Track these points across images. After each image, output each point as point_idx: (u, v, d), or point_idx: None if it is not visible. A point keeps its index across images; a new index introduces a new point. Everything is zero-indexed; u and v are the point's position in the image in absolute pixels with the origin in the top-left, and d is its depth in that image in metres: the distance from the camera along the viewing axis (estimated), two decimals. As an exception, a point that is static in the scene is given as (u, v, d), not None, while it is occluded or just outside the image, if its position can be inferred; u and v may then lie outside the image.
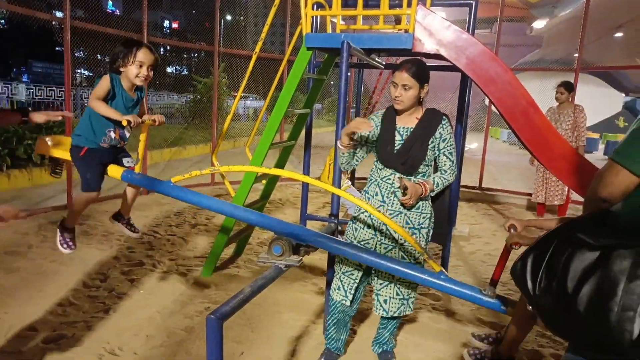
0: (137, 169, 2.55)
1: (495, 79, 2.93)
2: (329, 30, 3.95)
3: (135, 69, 2.37)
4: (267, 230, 2.24)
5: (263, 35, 3.59)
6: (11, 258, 3.91)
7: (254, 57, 3.56)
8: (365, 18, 3.91)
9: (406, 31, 3.13)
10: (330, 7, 3.58)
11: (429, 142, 2.28)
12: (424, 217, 2.33)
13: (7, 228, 4.65)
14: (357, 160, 2.44)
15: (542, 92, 8.33)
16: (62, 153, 2.51)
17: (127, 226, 2.81)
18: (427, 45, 3.04)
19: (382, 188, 2.34)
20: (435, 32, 3.00)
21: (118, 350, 2.67)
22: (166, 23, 47.93)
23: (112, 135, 2.45)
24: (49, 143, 2.53)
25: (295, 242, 2.16)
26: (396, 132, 2.34)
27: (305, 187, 4.42)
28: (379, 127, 2.39)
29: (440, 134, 2.29)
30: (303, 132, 4.24)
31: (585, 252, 1.24)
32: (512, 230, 1.91)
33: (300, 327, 3.04)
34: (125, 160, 2.57)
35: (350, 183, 5.09)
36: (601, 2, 8.52)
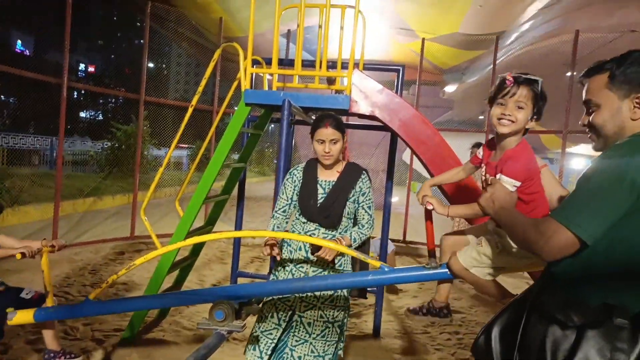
0: (49, 302, 2.32)
1: (425, 140, 3.12)
2: (265, 87, 4.02)
3: None
4: (209, 302, 2.10)
5: (200, 88, 3.56)
6: None
7: (190, 109, 3.49)
8: (300, 77, 4.03)
9: (341, 92, 3.27)
10: (267, 64, 3.67)
11: (350, 195, 2.35)
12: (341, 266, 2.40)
13: None
14: (287, 220, 2.47)
15: (456, 150, 8.99)
16: None
17: (64, 358, 2.53)
18: (363, 107, 3.19)
19: (306, 244, 2.34)
20: (370, 94, 3.17)
21: None
22: (82, 66, 46.10)
23: None
24: None
25: (237, 304, 2.06)
26: (318, 185, 2.39)
27: (237, 243, 4.30)
28: (299, 182, 2.42)
29: (360, 187, 2.38)
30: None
31: (560, 331, 1.26)
32: (425, 200, 1.89)
33: (235, 396, 2.84)
34: (24, 294, 2.36)
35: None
36: (502, 71, 9.55)
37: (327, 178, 2.39)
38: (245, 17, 7.06)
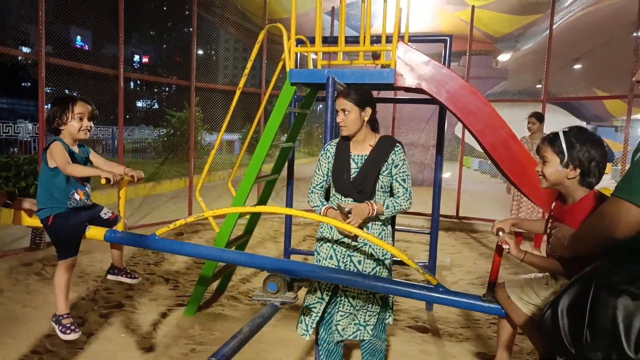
0: (120, 227, 2.45)
1: (474, 111, 3.02)
2: (310, 66, 4.04)
3: (77, 123, 2.38)
4: (260, 269, 2.20)
5: (246, 71, 3.63)
6: (-20, 304, 3.71)
7: (238, 92, 3.58)
8: (344, 54, 4.01)
9: (387, 66, 3.23)
10: (311, 43, 3.68)
11: (383, 169, 2.33)
12: (382, 250, 2.36)
13: (-25, 272, 4.42)
14: (324, 193, 2.50)
15: (511, 122, 8.64)
16: (37, 222, 2.42)
17: (125, 276, 2.71)
18: (408, 80, 3.14)
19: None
20: (415, 67, 3.10)
21: (100, 400, 2.54)
22: (136, 58, 47.90)
23: (77, 197, 2.39)
24: (25, 215, 2.44)
25: (289, 278, 2.13)
26: (351, 160, 2.39)
27: (289, 221, 4.40)
28: (333, 157, 2.43)
29: (393, 160, 2.33)
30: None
31: (631, 303, 1.22)
32: (500, 233, 1.93)
33: (291, 366, 2.96)
34: (102, 214, 2.51)
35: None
36: (559, 37, 9.01)
37: (360, 152, 2.39)
38: (288, -3, 7.07)
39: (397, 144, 2.39)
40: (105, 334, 3.31)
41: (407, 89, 3.34)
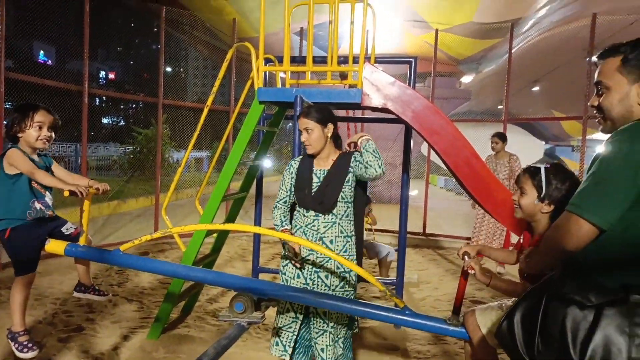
0: (82, 241, 2.38)
1: (438, 130, 3.12)
2: (279, 84, 4.07)
3: (35, 132, 2.32)
4: (226, 288, 2.17)
5: (214, 89, 3.63)
6: None
7: (206, 110, 3.57)
8: (312, 73, 4.07)
9: (354, 86, 3.29)
10: (279, 62, 3.72)
11: (346, 180, 2.37)
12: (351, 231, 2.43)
13: None
14: (288, 208, 2.52)
15: (475, 141, 8.92)
16: None
17: (93, 293, 2.62)
18: (375, 100, 3.21)
19: (309, 235, 2.39)
20: (382, 87, 3.18)
21: None
22: (102, 74, 47.01)
23: (37, 206, 2.31)
24: None
25: (256, 297, 2.12)
26: (313, 174, 2.43)
27: (257, 239, 4.36)
28: (295, 173, 2.48)
29: (356, 160, 2.37)
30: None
31: (578, 312, 1.28)
32: (466, 257, 1.98)
33: (259, 387, 2.91)
34: (64, 229, 2.42)
35: (373, 237, 5.18)
36: (519, 59, 9.42)
37: (322, 167, 2.43)
38: (258, 17, 7.15)
39: (355, 152, 2.44)
40: (64, 359, 3.16)
41: (374, 109, 3.42)
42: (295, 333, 2.39)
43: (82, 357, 3.22)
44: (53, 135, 2.37)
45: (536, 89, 14.05)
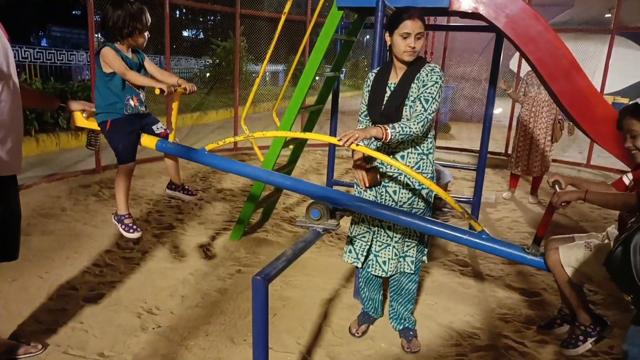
0: (171, 138, 2.51)
1: (535, 37, 2.80)
2: (359, -11, 3.82)
3: (143, 37, 2.36)
4: (304, 194, 2.22)
5: (291, -6, 3.48)
6: (46, 220, 4.01)
7: (283, 18, 3.46)
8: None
9: (442, -11, 3.00)
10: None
11: (409, 93, 2.17)
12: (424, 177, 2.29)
13: (40, 192, 4.76)
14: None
15: (576, 54, 8.04)
16: (94, 124, 2.48)
17: (183, 192, 2.81)
18: (465, 3, 2.92)
19: (380, 149, 2.28)
20: (473, -11, 2.87)
21: (155, 310, 2.75)
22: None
23: (132, 102, 2.41)
24: (84, 116, 2.50)
25: (331, 206, 2.15)
26: (387, 87, 2.26)
27: (332, 152, 4.39)
28: (370, 87, 2.32)
29: (423, 81, 2.15)
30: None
31: None
32: (556, 187, 1.85)
33: (331, 290, 3.08)
34: (155, 127, 2.53)
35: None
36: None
37: (395, 80, 2.25)
38: None
39: (429, 64, 2.20)
40: (158, 252, 3.53)
41: (463, 14, 3.12)
42: (368, 243, 2.43)
43: (173, 251, 3.57)
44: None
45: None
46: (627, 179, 1.89)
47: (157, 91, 2.24)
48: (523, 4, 2.80)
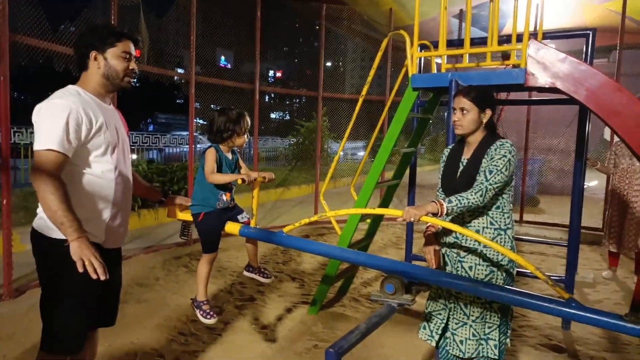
0: (252, 224, 2.70)
1: (620, 110, 2.71)
2: (434, 70, 3.99)
3: (242, 139, 2.64)
4: (377, 269, 2.24)
5: (369, 79, 3.73)
6: (141, 289, 4.33)
7: (361, 100, 3.69)
8: (470, 56, 3.88)
9: (517, 66, 3.06)
10: (435, 48, 3.63)
11: (481, 167, 2.17)
12: (499, 255, 2.21)
13: (138, 262, 5.18)
14: None
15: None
16: (188, 216, 2.73)
17: (259, 274, 2.97)
18: (541, 79, 2.94)
19: (455, 223, 2.24)
20: (550, 65, 2.89)
21: (234, 381, 2.79)
22: (271, 73, 51.48)
23: (224, 197, 2.66)
24: (178, 210, 2.79)
25: (407, 281, 2.14)
26: (460, 163, 2.29)
27: (410, 227, 4.36)
28: (444, 161, 2.37)
29: (491, 155, 2.16)
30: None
31: None
32: None
33: (410, 372, 2.94)
34: (240, 217, 2.76)
35: None
36: None
37: (468, 155, 2.28)
38: (414, 5, 7.07)
39: (501, 140, 2.22)
40: (239, 324, 3.63)
41: (540, 89, 3.12)
42: (444, 321, 2.34)
43: (253, 323, 3.65)
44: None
45: None
46: None
47: (240, 181, 2.50)
48: (603, 77, 2.75)
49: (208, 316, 2.70)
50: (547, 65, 2.89)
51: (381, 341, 3.34)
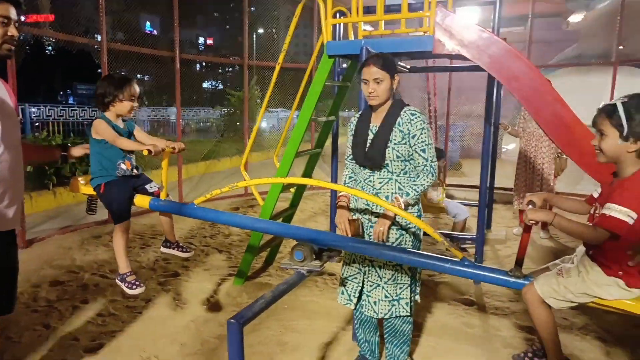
0: (163, 196, 2.61)
1: (519, 76, 2.86)
2: (351, 37, 3.98)
3: (129, 105, 2.51)
4: (289, 238, 2.27)
5: (285, 46, 3.66)
6: (56, 272, 4.11)
7: (277, 68, 3.63)
8: (388, 23, 3.90)
9: (426, 33, 3.12)
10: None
11: (397, 139, 2.24)
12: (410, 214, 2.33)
13: (53, 243, 4.90)
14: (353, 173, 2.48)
15: (583, 88, 8.03)
16: (91, 190, 2.61)
17: (177, 249, 2.89)
18: (448, 46, 3.02)
19: (366, 190, 2.34)
20: (455, 32, 2.97)
21: (154, 358, 2.76)
22: (201, 40, 49.36)
23: (123, 166, 2.55)
24: (81, 182, 2.64)
25: (317, 247, 2.18)
26: (369, 131, 2.34)
27: (334, 195, 4.43)
28: (353, 130, 2.41)
29: (408, 129, 2.24)
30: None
31: None
32: (530, 206, 1.84)
33: (331, 334, 3.04)
34: (148, 187, 2.66)
35: (440, 196, 4.63)
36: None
37: (377, 123, 2.33)
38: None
39: (409, 108, 2.29)
40: (161, 300, 3.56)
41: (447, 56, 3.22)
42: (360, 284, 2.43)
43: (176, 298, 3.60)
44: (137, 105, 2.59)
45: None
46: (596, 194, 1.88)
47: (145, 152, 2.39)
48: (505, 45, 2.88)
49: (134, 287, 2.63)
50: (453, 33, 2.97)
51: (303, 305, 3.41)
